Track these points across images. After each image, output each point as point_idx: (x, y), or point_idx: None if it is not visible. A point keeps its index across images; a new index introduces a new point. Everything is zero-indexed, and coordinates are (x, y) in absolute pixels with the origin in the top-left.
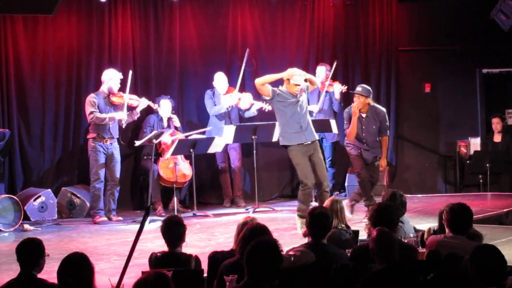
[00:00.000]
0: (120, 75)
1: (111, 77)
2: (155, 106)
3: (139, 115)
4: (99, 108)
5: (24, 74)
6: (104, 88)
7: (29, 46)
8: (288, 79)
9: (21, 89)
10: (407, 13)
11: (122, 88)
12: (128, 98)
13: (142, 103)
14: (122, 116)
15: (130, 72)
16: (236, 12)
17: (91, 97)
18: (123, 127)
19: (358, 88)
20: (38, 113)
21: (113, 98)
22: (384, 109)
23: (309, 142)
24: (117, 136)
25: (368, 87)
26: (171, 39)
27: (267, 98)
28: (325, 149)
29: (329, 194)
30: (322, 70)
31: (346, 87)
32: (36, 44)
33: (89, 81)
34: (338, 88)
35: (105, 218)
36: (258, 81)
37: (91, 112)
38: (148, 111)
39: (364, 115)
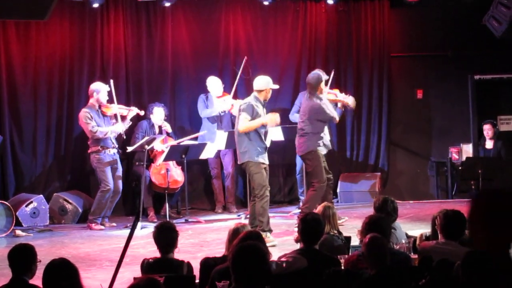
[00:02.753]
0: (107, 87)
1: (98, 90)
2: (142, 113)
3: (130, 123)
4: (95, 122)
5: (16, 79)
6: (93, 101)
7: (21, 51)
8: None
9: (13, 94)
10: (399, 19)
11: (109, 99)
12: (117, 108)
13: (132, 112)
14: (121, 128)
15: (111, 82)
16: (228, 17)
17: (85, 112)
18: (124, 137)
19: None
20: (30, 118)
21: (104, 109)
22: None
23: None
24: (117, 145)
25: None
26: (163, 44)
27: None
28: None
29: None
30: None
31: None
32: (28, 49)
33: (81, 87)
34: (341, 97)
35: (102, 227)
36: (242, 129)
37: (93, 127)
38: (139, 117)
39: None
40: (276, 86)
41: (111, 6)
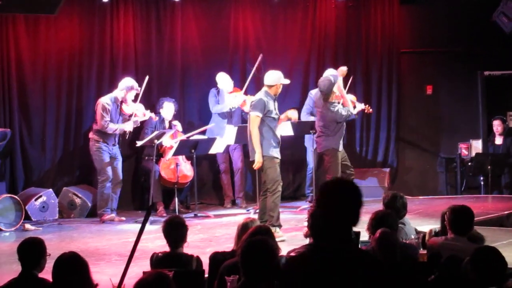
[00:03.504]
0: (138, 89)
1: (129, 88)
2: (156, 119)
3: (139, 124)
4: (110, 115)
5: (26, 74)
6: (119, 95)
7: (30, 46)
8: None
9: (23, 89)
10: (409, 15)
11: (134, 97)
12: (135, 109)
13: (145, 116)
14: (130, 128)
15: (146, 78)
16: (237, 13)
17: (106, 103)
18: (127, 137)
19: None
20: (39, 113)
21: (124, 107)
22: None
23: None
24: (118, 141)
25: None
26: (173, 40)
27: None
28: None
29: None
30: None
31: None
32: (37, 44)
33: (90, 82)
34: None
35: (112, 215)
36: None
37: (106, 122)
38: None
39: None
40: (287, 81)
41: (121, 1)
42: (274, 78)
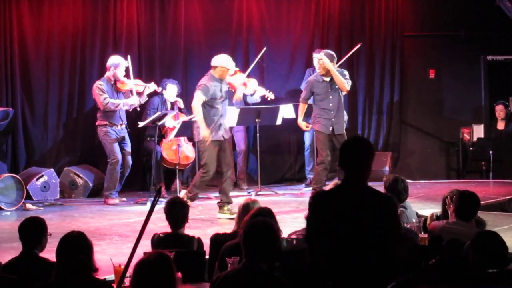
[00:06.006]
0: (126, 63)
1: (116, 65)
2: (159, 90)
3: (146, 99)
4: (108, 95)
5: (29, 53)
6: (109, 75)
7: (34, 25)
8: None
9: (25, 68)
10: None
11: (126, 74)
12: (134, 84)
13: (149, 88)
14: (135, 101)
15: (129, 58)
16: None
17: (99, 84)
18: (138, 109)
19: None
20: (42, 92)
21: (119, 85)
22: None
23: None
24: (126, 122)
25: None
26: (176, 20)
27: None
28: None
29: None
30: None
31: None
32: (41, 23)
33: (93, 61)
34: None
35: (117, 201)
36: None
37: (105, 99)
38: (152, 93)
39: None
40: (232, 70)
41: None
42: (219, 60)
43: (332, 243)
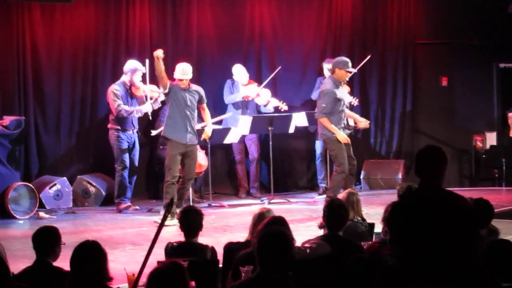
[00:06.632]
0: (143, 69)
1: (134, 70)
2: None
3: (160, 105)
4: (122, 100)
5: (41, 61)
6: (125, 79)
7: (46, 33)
8: None
9: (38, 77)
10: (425, 6)
11: (142, 79)
12: (149, 90)
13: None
14: (148, 108)
15: (147, 62)
16: (253, 1)
17: (114, 89)
18: (150, 118)
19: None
20: (54, 100)
21: (134, 90)
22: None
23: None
24: (137, 127)
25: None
26: (189, 28)
27: (165, 91)
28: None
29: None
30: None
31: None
32: (53, 31)
33: (105, 69)
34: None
35: (129, 204)
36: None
37: (118, 105)
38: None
39: None
40: (184, 77)
41: None
42: (176, 70)
43: (420, 244)
